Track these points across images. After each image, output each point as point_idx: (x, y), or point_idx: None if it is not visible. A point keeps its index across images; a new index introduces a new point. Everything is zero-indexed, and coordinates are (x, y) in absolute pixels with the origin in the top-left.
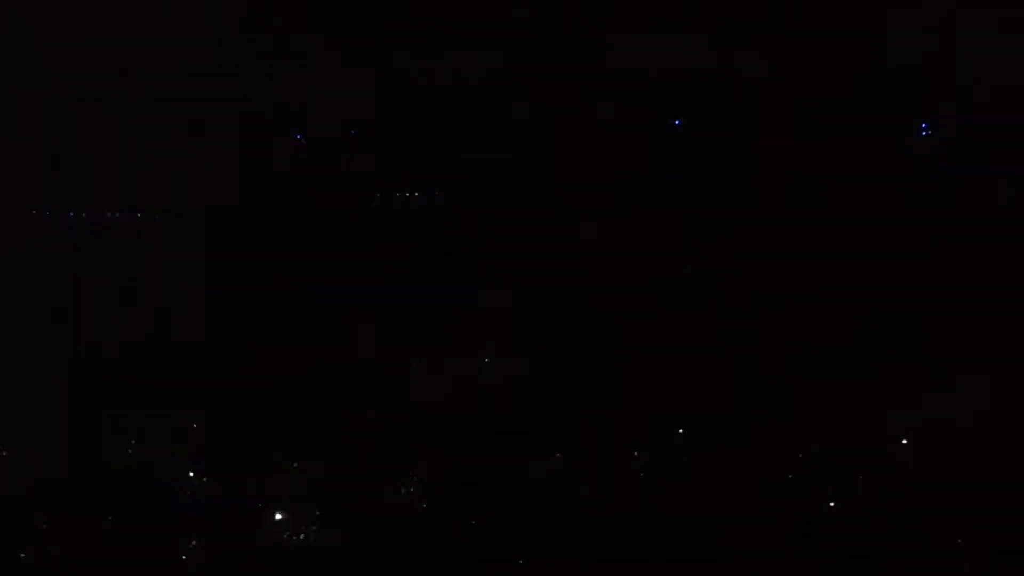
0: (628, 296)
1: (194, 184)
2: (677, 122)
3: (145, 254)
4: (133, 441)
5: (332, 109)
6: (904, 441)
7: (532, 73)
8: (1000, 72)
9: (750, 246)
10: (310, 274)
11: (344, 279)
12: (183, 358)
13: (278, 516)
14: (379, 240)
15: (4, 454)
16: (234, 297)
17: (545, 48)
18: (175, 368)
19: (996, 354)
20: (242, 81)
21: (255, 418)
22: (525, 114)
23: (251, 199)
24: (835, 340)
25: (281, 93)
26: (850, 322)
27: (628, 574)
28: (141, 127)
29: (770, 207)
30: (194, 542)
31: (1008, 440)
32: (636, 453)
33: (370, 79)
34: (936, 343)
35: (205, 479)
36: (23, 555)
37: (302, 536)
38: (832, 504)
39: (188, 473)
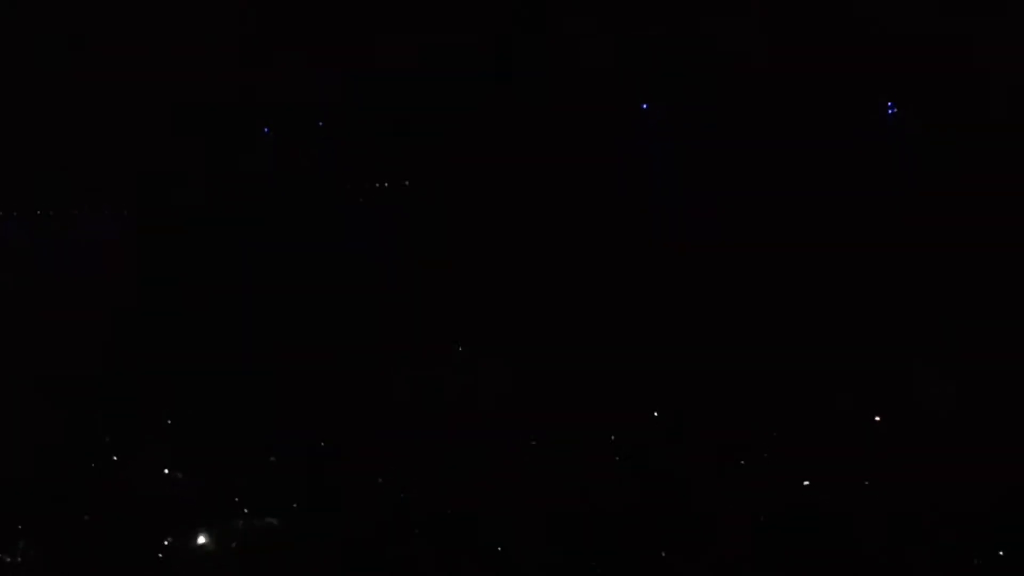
0: (603, 284)
1: (164, 181)
2: (645, 105)
3: (117, 251)
4: (107, 439)
5: (300, 101)
6: (877, 418)
7: (500, 61)
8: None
9: (724, 229)
10: (281, 267)
11: (316, 271)
12: (157, 355)
13: (256, 512)
14: (351, 231)
15: None
16: (208, 293)
17: (511, 34)
18: (149, 365)
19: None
20: (210, 76)
21: (230, 414)
22: (494, 102)
23: (221, 193)
24: (812, 327)
25: (248, 86)
26: (825, 308)
27: (605, 558)
28: (107, 127)
29: (742, 190)
30: (169, 539)
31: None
32: (612, 437)
33: (339, 71)
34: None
35: (180, 475)
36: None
37: (281, 531)
38: (806, 483)
39: (163, 470)
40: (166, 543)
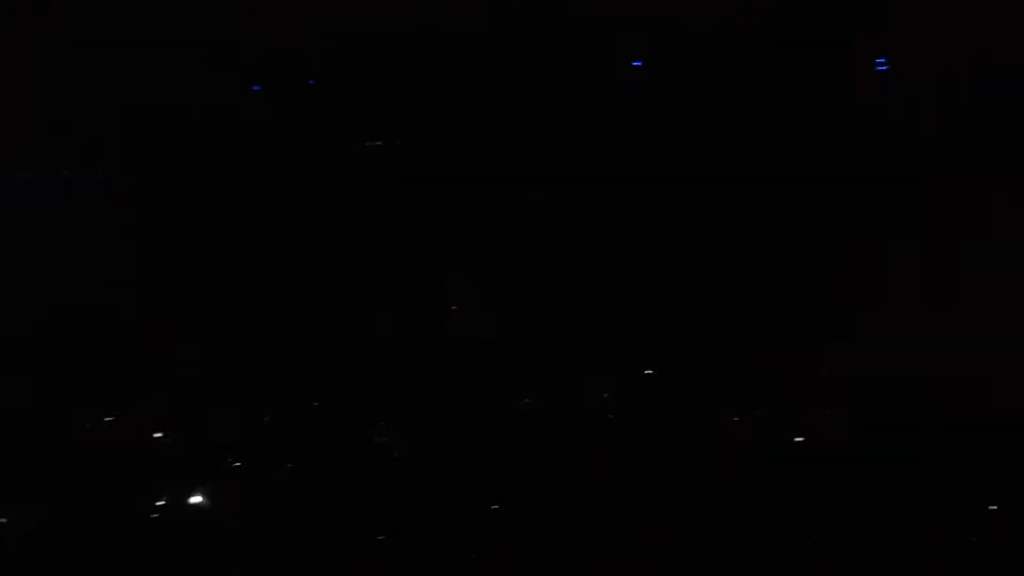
0: (588, 242)
1: (152, 143)
2: (637, 63)
3: (103, 214)
4: (94, 406)
5: (289, 58)
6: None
7: (491, 18)
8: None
9: (711, 187)
10: (270, 227)
11: (304, 229)
12: (148, 316)
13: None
14: (340, 189)
15: None
16: (194, 252)
17: None
18: (141, 326)
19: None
20: (198, 34)
21: (220, 374)
22: (486, 60)
23: (211, 155)
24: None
25: (238, 45)
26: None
27: (600, 515)
28: (92, 80)
29: (733, 150)
30: (162, 501)
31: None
32: (604, 395)
33: (329, 26)
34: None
35: (173, 436)
36: None
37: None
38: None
39: (155, 432)
40: (159, 504)
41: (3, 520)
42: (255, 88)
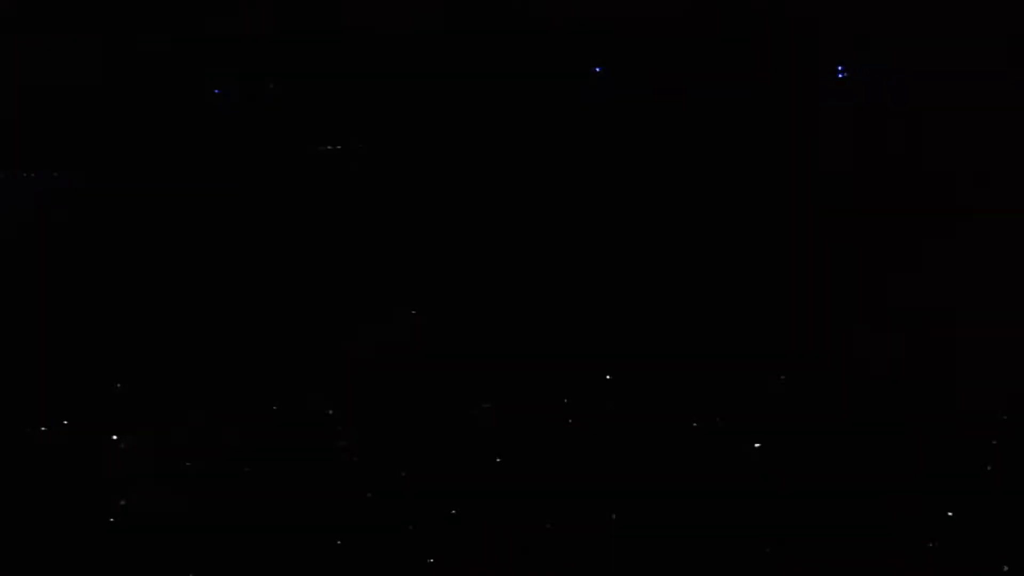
0: (552, 243)
1: (112, 146)
2: (598, 68)
3: (64, 214)
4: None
5: (249, 61)
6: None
7: (451, 19)
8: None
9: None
10: (234, 230)
11: (265, 234)
12: (106, 319)
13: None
14: (302, 194)
15: None
16: (158, 258)
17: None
18: (98, 330)
19: None
20: (155, 38)
21: (178, 374)
22: (446, 63)
23: (168, 159)
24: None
25: (196, 47)
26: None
27: (555, 520)
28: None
29: (695, 156)
30: (123, 502)
31: None
32: (565, 400)
33: (287, 27)
34: None
35: (130, 440)
36: None
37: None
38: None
39: (111, 436)
40: (119, 508)
41: None
42: (216, 91)
